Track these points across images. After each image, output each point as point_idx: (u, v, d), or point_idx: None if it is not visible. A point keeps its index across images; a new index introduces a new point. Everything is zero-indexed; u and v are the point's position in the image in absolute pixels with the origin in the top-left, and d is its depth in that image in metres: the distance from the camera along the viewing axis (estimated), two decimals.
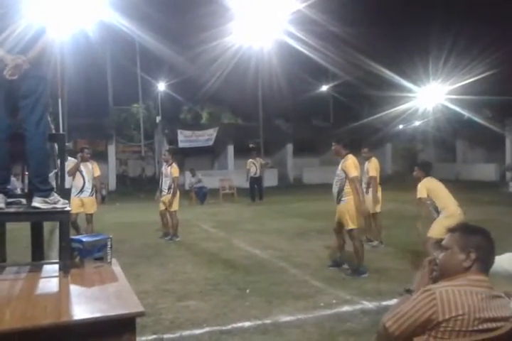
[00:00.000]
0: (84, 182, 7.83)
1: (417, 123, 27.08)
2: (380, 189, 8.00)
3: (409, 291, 2.06)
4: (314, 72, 27.58)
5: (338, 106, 30.08)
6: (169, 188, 8.64)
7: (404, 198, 15.78)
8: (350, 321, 4.20)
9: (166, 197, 8.66)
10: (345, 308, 4.60)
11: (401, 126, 27.39)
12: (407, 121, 26.46)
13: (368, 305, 4.67)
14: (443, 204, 5.62)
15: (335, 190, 6.01)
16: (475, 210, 6.96)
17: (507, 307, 1.88)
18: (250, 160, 16.82)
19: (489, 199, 13.87)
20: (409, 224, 9.89)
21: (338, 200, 5.95)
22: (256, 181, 16.53)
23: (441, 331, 1.74)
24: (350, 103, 27.90)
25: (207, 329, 4.03)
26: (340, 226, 6.13)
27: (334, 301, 4.81)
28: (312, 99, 29.42)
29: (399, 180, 24.33)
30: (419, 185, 5.77)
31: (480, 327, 1.74)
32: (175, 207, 8.63)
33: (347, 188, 5.88)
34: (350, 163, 5.88)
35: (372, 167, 7.80)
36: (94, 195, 8.04)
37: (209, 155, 26.39)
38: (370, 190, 7.76)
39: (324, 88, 30.93)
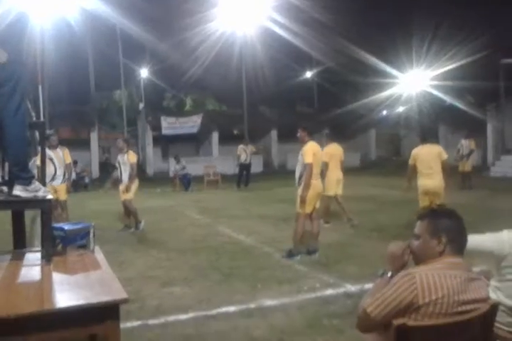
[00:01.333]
0: (55, 170, 7.71)
1: (400, 109, 27.24)
2: (338, 173, 8.60)
3: (386, 273, 2.10)
4: (298, 58, 27.50)
5: (322, 92, 30.07)
6: (129, 177, 8.32)
7: (388, 183, 15.98)
8: (333, 304, 4.26)
9: (122, 185, 8.36)
10: (329, 292, 4.66)
11: (385, 112, 27.56)
12: (391, 106, 26.63)
13: (351, 288, 4.74)
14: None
15: (297, 174, 6.15)
16: (456, 195, 7.08)
17: (484, 289, 1.92)
18: (241, 146, 16.77)
19: (470, 184, 14.06)
20: (392, 209, 10.06)
21: (298, 184, 6.06)
22: (245, 168, 16.52)
23: (421, 314, 1.77)
24: (334, 89, 27.90)
25: (192, 314, 4.06)
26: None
27: (318, 285, 4.87)
28: (296, 86, 29.37)
29: (382, 165, 24.59)
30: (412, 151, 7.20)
31: (459, 309, 1.78)
32: (130, 195, 8.30)
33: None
34: (307, 149, 6.02)
35: (324, 152, 7.91)
36: (65, 182, 7.95)
37: (193, 142, 26.29)
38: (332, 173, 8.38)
39: (308, 74, 30.89)
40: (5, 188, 3.03)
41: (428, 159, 6.97)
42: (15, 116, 2.91)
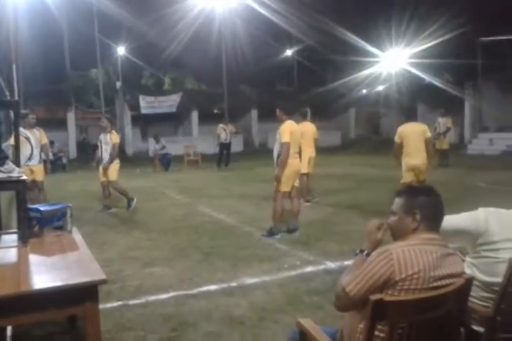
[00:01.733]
0: (32, 150, 7.55)
1: (380, 87, 27.28)
2: (310, 151, 8.29)
3: (362, 251, 2.12)
4: (278, 36, 27.22)
5: (302, 71, 29.91)
6: (110, 156, 8.21)
7: (367, 162, 16.13)
8: (313, 281, 4.31)
9: (105, 165, 8.25)
10: (309, 269, 4.71)
11: (364, 91, 27.57)
12: (371, 85, 26.63)
13: (331, 265, 4.80)
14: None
15: (275, 153, 6.14)
16: (434, 173, 7.17)
17: (459, 264, 1.96)
18: (221, 125, 16.66)
19: (447, 162, 14.26)
20: (371, 187, 10.17)
21: (277, 164, 6.05)
22: (225, 147, 16.46)
23: (397, 289, 1.80)
24: (314, 68, 27.75)
25: (172, 293, 4.07)
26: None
27: (298, 262, 4.92)
28: (276, 64, 29.12)
29: (362, 144, 24.74)
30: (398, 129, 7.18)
31: (435, 284, 1.80)
32: (114, 176, 8.23)
33: None
34: (284, 128, 5.99)
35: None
36: (42, 163, 7.83)
37: (173, 121, 26.03)
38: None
39: (289, 53, 30.63)
40: None
41: (414, 137, 7.06)
42: None
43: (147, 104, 22.99)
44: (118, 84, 25.69)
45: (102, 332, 2.37)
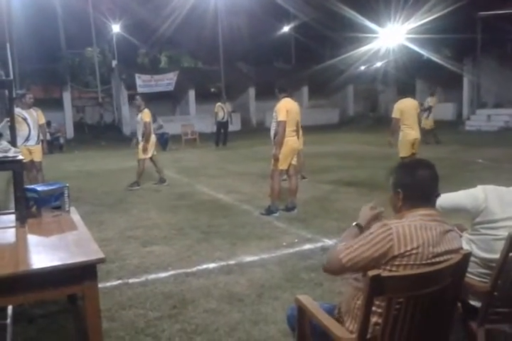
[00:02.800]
0: (29, 130, 7.51)
1: (378, 64, 27.01)
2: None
3: (358, 225, 2.13)
4: (275, 12, 26.70)
5: (299, 47, 29.51)
6: (143, 135, 8.45)
7: (365, 139, 16.09)
8: (311, 258, 4.34)
9: (140, 144, 8.51)
10: (307, 246, 4.74)
11: (362, 68, 27.29)
12: (369, 62, 26.35)
13: (329, 242, 4.82)
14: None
15: (272, 132, 6.13)
16: (431, 149, 7.14)
17: (457, 240, 1.96)
18: (219, 104, 16.56)
19: (445, 138, 14.24)
20: (370, 164, 10.16)
21: (274, 142, 6.03)
22: (223, 126, 16.40)
23: (395, 264, 1.80)
24: (312, 44, 27.38)
25: (172, 272, 4.10)
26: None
27: (296, 240, 4.94)
28: (273, 41, 28.70)
29: (360, 121, 24.64)
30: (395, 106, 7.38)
31: (433, 260, 1.80)
32: (142, 154, 8.44)
33: None
34: (280, 106, 5.95)
35: None
36: (40, 143, 7.80)
37: (170, 100, 25.82)
38: None
39: (286, 29, 30.17)
40: None
41: (411, 112, 7.37)
42: None
43: (144, 83, 22.74)
44: (114, 62, 25.36)
45: (101, 311, 2.39)
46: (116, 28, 27.24)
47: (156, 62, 29.61)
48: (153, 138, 8.64)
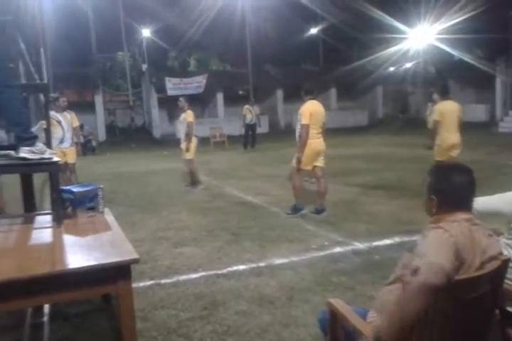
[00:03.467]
0: (63, 133, 7.70)
1: (407, 64, 26.65)
2: None
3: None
4: (302, 14, 26.65)
5: (327, 49, 29.39)
6: (186, 135, 8.63)
7: (395, 141, 15.89)
8: (342, 261, 4.30)
9: (183, 144, 8.72)
10: (337, 249, 4.70)
11: (391, 69, 26.97)
12: (398, 62, 26.02)
13: (360, 245, 4.77)
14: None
15: (297, 134, 6.13)
16: (464, 152, 6.98)
17: (497, 244, 1.90)
18: (247, 106, 16.62)
19: (478, 140, 13.93)
20: (399, 167, 10.04)
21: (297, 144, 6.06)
22: (251, 128, 16.45)
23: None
24: (339, 46, 27.21)
25: (202, 273, 4.13)
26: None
27: (326, 243, 4.91)
28: (301, 43, 28.65)
29: (389, 123, 24.35)
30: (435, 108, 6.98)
31: (480, 265, 1.75)
32: (189, 154, 8.62)
33: None
34: (303, 109, 5.99)
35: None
36: (74, 146, 7.97)
37: (198, 103, 26.02)
38: None
39: (313, 31, 30.08)
40: (12, 152, 3.02)
41: (452, 115, 6.91)
42: (6, 80, 2.88)
43: (173, 86, 23.01)
44: (144, 66, 25.74)
45: (135, 311, 2.42)
46: (146, 33, 27.65)
47: (185, 65, 29.90)
48: (195, 139, 8.78)
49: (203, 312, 3.33)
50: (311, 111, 5.95)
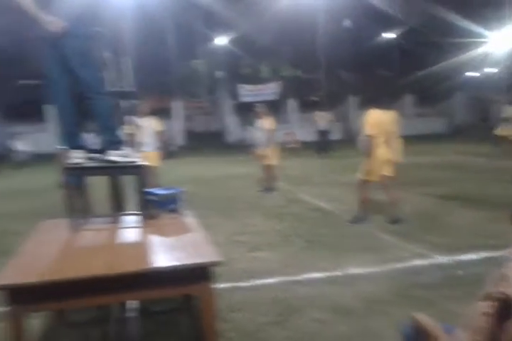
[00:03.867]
0: (146, 137, 7.89)
1: (489, 70, 25.37)
2: None
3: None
4: (375, 18, 26.13)
5: (402, 54, 28.59)
6: (267, 142, 8.85)
7: (475, 150, 15.15)
8: (422, 274, 4.13)
9: (261, 150, 8.96)
10: (417, 262, 4.52)
11: (472, 74, 25.78)
12: (478, 68, 24.85)
13: (441, 259, 4.56)
14: None
15: (360, 143, 6.08)
16: None
17: None
18: (319, 112, 16.59)
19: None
20: (479, 177, 9.56)
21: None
22: (323, 134, 16.39)
23: None
24: (415, 51, 26.37)
25: (278, 278, 4.13)
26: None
27: (406, 254, 4.73)
28: (374, 48, 28.08)
29: (469, 131, 23.26)
30: None
31: None
32: (273, 160, 8.89)
33: None
34: (366, 119, 5.92)
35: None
36: (156, 150, 8.21)
37: (271, 109, 26.20)
38: None
39: (387, 35, 29.39)
40: (102, 155, 3.18)
41: None
42: (93, 85, 3.06)
43: (247, 93, 23.36)
44: (218, 73, 26.34)
45: None
46: (220, 41, 28.29)
47: (257, 72, 30.26)
48: (275, 145, 8.97)
49: (279, 318, 3.33)
50: (374, 120, 5.86)
